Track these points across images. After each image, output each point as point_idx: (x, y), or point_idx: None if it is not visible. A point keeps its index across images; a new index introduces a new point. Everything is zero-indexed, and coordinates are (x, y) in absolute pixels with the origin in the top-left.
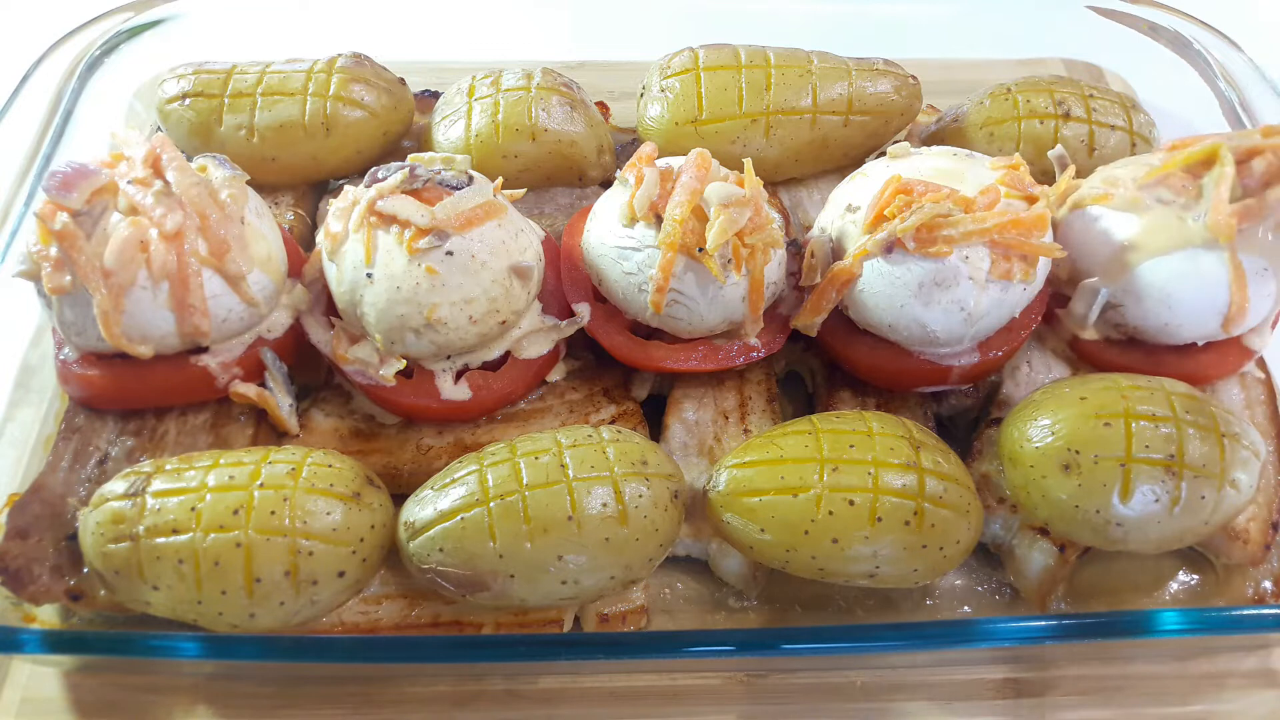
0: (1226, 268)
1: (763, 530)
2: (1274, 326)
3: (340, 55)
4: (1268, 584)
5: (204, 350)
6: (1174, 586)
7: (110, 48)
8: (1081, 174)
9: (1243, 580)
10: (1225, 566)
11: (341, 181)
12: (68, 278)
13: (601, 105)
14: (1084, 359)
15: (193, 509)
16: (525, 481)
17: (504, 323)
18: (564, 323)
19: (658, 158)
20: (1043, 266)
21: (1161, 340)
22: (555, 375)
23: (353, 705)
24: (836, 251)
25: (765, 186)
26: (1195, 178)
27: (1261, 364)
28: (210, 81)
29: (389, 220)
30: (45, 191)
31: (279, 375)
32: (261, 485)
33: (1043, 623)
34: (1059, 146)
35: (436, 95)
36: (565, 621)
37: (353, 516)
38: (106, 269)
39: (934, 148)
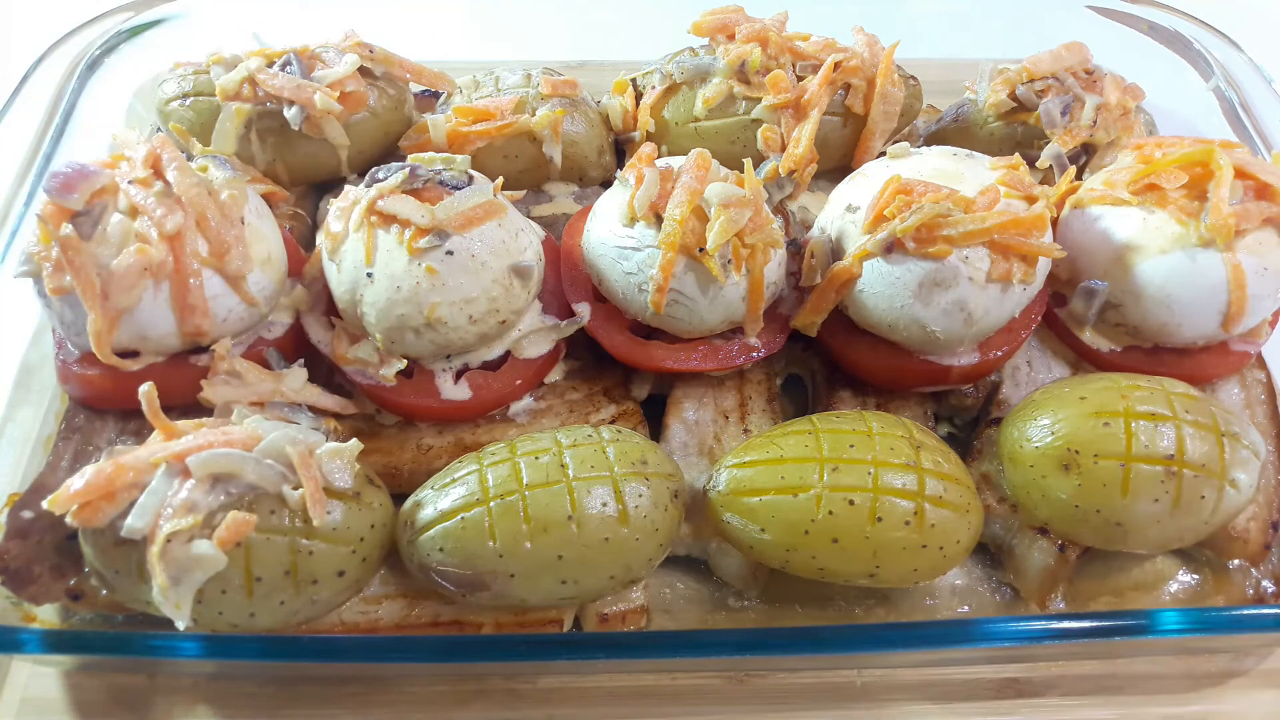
0: (1226, 268)
1: (763, 530)
2: (1274, 326)
3: None
4: (1268, 584)
5: (204, 350)
6: (1174, 586)
7: (110, 48)
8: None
9: (1243, 580)
10: (1225, 566)
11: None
12: (68, 278)
13: None
14: (1084, 359)
15: None
16: (525, 481)
17: (504, 322)
18: (564, 323)
19: (658, 158)
20: (1043, 266)
21: (1161, 340)
22: (555, 375)
23: (353, 705)
24: (836, 251)
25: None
26: (1194, 182)
27: (1261, 364)
28: (210, 82)
29: (389, 220)
30: (46, 192)
31: None
32: None
33: (1043, 623)
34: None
35: (436, 95)
36: (565, 621)
37: (353, 516)
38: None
39: (934, 148)
